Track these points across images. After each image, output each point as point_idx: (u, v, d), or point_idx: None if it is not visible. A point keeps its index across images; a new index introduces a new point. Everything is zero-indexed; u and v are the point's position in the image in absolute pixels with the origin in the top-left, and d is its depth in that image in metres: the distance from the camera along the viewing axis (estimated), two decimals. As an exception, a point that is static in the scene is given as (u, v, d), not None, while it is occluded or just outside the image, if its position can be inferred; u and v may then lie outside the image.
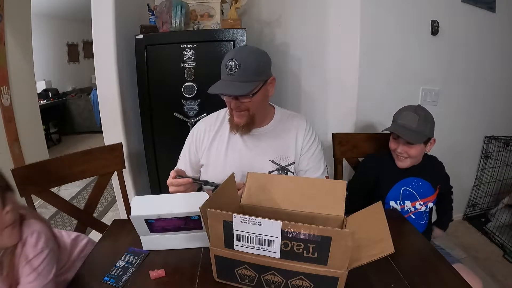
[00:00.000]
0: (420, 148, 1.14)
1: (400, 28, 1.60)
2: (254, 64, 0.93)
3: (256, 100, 0.97)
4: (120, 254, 0.85)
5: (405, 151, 1.14)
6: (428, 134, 1.13)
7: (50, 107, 4.40)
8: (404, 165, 1.17)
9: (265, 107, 1.07)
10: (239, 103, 0.97)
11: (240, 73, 0.92)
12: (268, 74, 1.00)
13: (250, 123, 1.02)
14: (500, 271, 1.64)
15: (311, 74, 1.88)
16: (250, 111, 1.00)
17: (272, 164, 1.07)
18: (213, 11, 1.83)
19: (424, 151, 1.16)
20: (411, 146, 1.12)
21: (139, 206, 0.80)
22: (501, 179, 2.05)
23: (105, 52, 1.66)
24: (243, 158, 1.07)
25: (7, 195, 0.70)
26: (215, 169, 1.09)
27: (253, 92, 0.94)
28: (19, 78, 2.29)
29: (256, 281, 0.70)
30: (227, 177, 0.81)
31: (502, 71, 1.93)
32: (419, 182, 1.19)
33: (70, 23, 5.44)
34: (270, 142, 1.08)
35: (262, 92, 0.98)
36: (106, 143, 1.73)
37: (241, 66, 0.91)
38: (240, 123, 1.02)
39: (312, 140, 1.10)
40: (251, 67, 0.92)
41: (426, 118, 1.12)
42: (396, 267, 0.78)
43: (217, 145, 1.10)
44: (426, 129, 1.12)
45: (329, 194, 0.83)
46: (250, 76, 0.93)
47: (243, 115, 1.00)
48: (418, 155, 1.15)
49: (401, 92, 1.69)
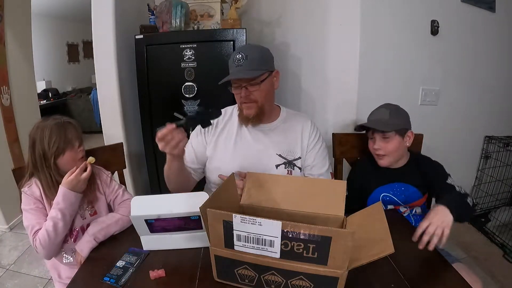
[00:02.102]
0: (397, 142, 1.11)
1: (400, 28, 1.60)
2: (259, 55, 1.04)
3: (264, 89, 1.04)
4: (120, 254, 0.85)
5: (382, 147, 1.12)
6: (402, 125, 1.11)
7: (50, 107, 4.40)
8: (385, 163, 1.14)
9: (272, 100, 1.13)
10: (249, 92, 1.03)
11: (248, 63, 1.00)
12: (273, 67, 1.09)
13: (260, 114, 1.07)
14: (500, 271, 1.64)
15: (311, 74, 1.88)
16: (258, 102, 1.05)
17: (280, 158, 1.10)
18: (213, 11, 1.83)
19: (403, 146, 1.13)
20: (387, 141, 1.11)
21: (139, 206, 0.81)
22: (501, 179, 2.05)
23: (105, 52, 1.67)
24: (251, 150, 1.10)
25: (83, 143, 1.03)
26: (222, 161, 1.11)
27: (261, 79, 1.02)
28: (19, 78, 2.28)
29: (256, 281, 0.70)
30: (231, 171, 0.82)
31: (502, 71, 1.93)
32: (402, 187, 1.14)
33: (70, 23, 5.44)
34: (277, 137, 1.13)
35: (269, 82, 1.06)
36: (106, 143, 1.74)
37: (248, 57, 1.01)
38: (250, 114, 1.06)
39: (317, 138, 1.16)
40: (257, 57, 1.02)
41: (397, 111, 1.12)
42: (396, 267, 0.78)
43: (224, 138, 1.13)
44: (398, 121, 1.11)
45: (329, 194, 0.83)
46: (257, 65, 1.01)
47: (252, 107, 1.06)
48: (396, 150, 1.12)
49: (401, 92, 1.69)
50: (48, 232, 0.89)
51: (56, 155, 0.96)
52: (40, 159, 0.96)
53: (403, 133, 1.12)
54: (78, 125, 1.04)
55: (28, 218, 0.94)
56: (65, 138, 0.97)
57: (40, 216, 0.94)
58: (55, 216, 0.91)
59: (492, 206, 2.16)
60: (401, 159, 1.16)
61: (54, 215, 0.91)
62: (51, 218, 0.91)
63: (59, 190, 0.93)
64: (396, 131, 1.10)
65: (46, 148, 0.95)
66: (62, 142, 0.96)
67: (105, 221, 0.97)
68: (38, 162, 0.96)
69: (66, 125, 0.99)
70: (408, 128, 1.14)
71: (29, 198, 0.96)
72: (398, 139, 1.11)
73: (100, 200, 1.07)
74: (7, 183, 1.34)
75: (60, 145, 0.95)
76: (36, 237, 0.91)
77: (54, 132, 0.95)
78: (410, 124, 1.15)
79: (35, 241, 0.91)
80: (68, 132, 0.98)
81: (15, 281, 1.68)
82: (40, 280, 1.68)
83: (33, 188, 0.97)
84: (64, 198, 0.92)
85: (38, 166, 0.97)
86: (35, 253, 1.90)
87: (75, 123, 1.03)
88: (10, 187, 1.18)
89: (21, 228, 2.21)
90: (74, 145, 0.99)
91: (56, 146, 0.95)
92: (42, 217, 0.94)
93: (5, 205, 2.14)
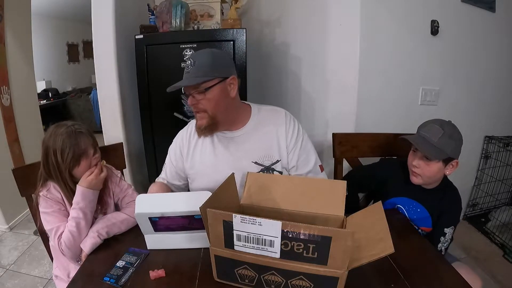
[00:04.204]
0: (437, 167, 1.02)
1: (400, 28, 1.60)
2: (209, 61, 0.95)
3: (211, 97, 0.96)
4: (120, 254, 0.85)
5: (420, 166, 1.03)
6: (450, 153, 0.99)
7: (50, 107, 4.40)
8: (417, 182, 1.06)
9: (229, 109, 1.02)
10: (195, 100, 0.97)
11: (194, 70, 0.94)
12: (227, 73, 0.98)
13: (213, 124, 1.00)
14: (500, 271, 1.64)
15: (311, 74, 1.88)
16: (208, 112, 0.98)
17: (256, 166, 1.05)
18: (213, 11, 1.83)
19: (442, 173, 1.04)
20: (428, 163, 1.02)
21: (143, 204, 0.80)
22: (501, 179, 2.05)
23: (105, 52, 1.67)
24: (227, 162, 1.05)
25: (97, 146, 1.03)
26: (203, 178, 1.08)
27: (205, 87, 0.94)
28: (19, 78, 2.28)
29: (256, 281, 0.70)
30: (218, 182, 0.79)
31: (502, 71, 1.93)
32: (418, 208, 1.09)
33: (70, 23, 5.43)
34: (251, 143, 1.06)
35: (218, 89, 0.96)
36: (106, 143, 1.74)
37: (195, 63, 0.95)
38: (202, 124, 1.01)
39: (296, 133, 1.07)
40: (204, 64, 0.95)
41: (452, 135, 1.00)
42: (396, 267, 0.78)
43: (199, 153, 1.09)
44: (448, 147, 0.99)
45: (329, 194, 0.83)
46: (204, 71, 0.94)
47: (203, 117, 1.00)
48: (433, 175, 1.03)
49: (401, 92, 1.69)
50: (71, 232, 0.90)
51: (71, 167, 0.96)
52: (54, 170, 0.96)
53: (447, 161, 1.02)
54: (90, 132, 1.02)
55: (50, 222, 0.94)
56: (79, 149, 0.95)
57: (63, 219, 0.95)
58: (76, 216, 0.92)
59: (492, 206, 2.16)
60: (434, 183, 1.09)
61: (76, 215, 0.92)
62: (73, 219, 0.92)
63: (77, 189, 0.95)
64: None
65: (60, 161, 0.94)
66: (77, 154, 0.95)
67: (110, 219, 0.97)
68: (53, 172, 0.96)
69: (78, 135, 0.96)
70: (454, 158, 1.02)
71: (50, 201, 0.96)
72: (440, 165, 1.02)
73: (110, 206, 1.07)
74: (7, 183, 1.34)
75: (74, 156, 0.95)
76: (61, 240, 0.91)
77: (66, 143, 0.94)
78: (459, 152, 1.03)
79: (60, 244, 0.92)
80: (82, 142, 0.96)
81: (15, 281, 1.68)
82: (40, 280, 1.68)
83: (53, 191, 0.98)
84: (83, 197, 0.94)
85: (53, 175, 0.97)
86: (35, 253, 1.90)
87: (86, 131, 1.00)
88: (10, 187, 1.18)
89: (21, 228, 2.21)
90: (88, 154, 0.98)
91: (70, 158, 0.94)
92: (64, 219, 0.95)
93: (5, 205, 2.14)
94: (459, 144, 1.02)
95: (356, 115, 1.64)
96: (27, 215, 2.31)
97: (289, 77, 2.02)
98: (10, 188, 1.27)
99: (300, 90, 1.97)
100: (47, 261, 1.78)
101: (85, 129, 1.00)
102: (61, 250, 0.93)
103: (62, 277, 1.03)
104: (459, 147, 1.02)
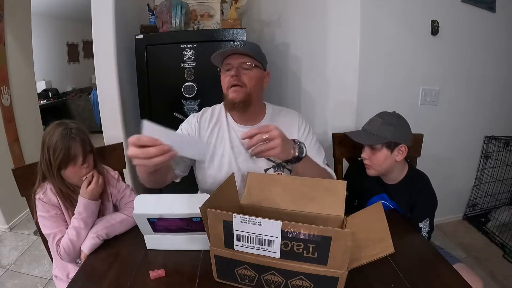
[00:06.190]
0: (383, 154, 1.05)
1: (400, 28, 1.60)
2: (258, 48, 1.05)
3: (253, 75, 1.00)
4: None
5: (368, 156, 1.08)
6: (391, 137, 1.03)
7: (50, 107, 4.39)
8: (371, 174, 1.10)
9: (260, 96, 1.08)
10: (239, 72, 0.99)
11: (248, 46, 1.01)
12: (265, 66, 1.07)
13: (247, 101, 1.00)
14: (500, 271, 1.64)
15: (311, 74, 1.88)
16: (247, 87, 0.99)
17: (267, 161, 1.06)
18: (213, 11, 1.83)
19: (391, 159, 1.06)
20: (373, 152, 1.06)
21: (142, 205, 0.80)
22: (501, 179, 2.05)
23: (105, 52, 1.67)
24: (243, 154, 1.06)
25: (89, 156, 1.00)
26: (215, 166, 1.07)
27: (254, 63, 1.00)
28: (19, 78, 2.28)
29: (256, 281, 0.70)
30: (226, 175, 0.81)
31: (502, 71, 1.93)
32: (391, 205, 1.11)
33: (70, 23, 5.44)
34: None
35: (260, 74, 1.03)
36: (106, 143, 1.74)
37: (246, 44, 1.02)
38: (236, 98, 0.99)
39: (306, 132, 1.11)
40: (256, 47, 1.04)
41: (390, 122, 1.05)
42: (396, 267, 0.78)
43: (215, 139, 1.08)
44: (387, 133, 1.04)
45: (329, 194, 0.83)
46: (256, 53, 1.01)
47: (240, 91, 0.99)
48: (381, 163, 1.06)
49: (401, 92, 1.69)
50: (72, 241, 0.91)
51: (59, 167, 0.96)
52: (46, 166, 0.97)
53: (393, 146, 1.05)
54: (85, 141, 0.99)
55: (48, 226, 0.95)
56: (68, 154, 0.95)
57: (60, 224, 0.95)
58: (78, 226, 0.92)
59: (492, 206, 2.16)
60: (393, 173, 1.11)
61: (77, 225, 0.92)
62: (74, 228, 0.92)
63: (79, 200, 0.95)
64: (384, 144, 1.05)
65: (51, 159, 0.95)
66: (65, 158, 0.95)
67: (110, 220, 0.97)
68: (45, 167, 0.97)
69: (71, 140, 0.95)
70: (400, 142, 1.05)
71: (46, 205, 0.96)
72: (385, 152, 1.05)
73: (109, 209, 1.08)
74: (7, 183, 1.34)
75: (63, 159, 0.95)
76: (60, 246, 0.92)
77: (58, 144, 0.94)
78: (408, 138, 1.07)
79: (58, 249, 0.92)
80: (72, 148, 0.95)
81: (15, 281, 1.68)
82: (40, 280, 1.68)
83: (49, 194, 0.98)
84: (85, 208, 0.94)
85: (46, 171, 0.98)
86: (35, 253, 1.90)
87: (80, 140, 0.97)
88: (10, 187, 1.18)
89: (21, 228, 2.21)
90: (77, 162, 0.97)
91: (59, 159, 0.94)
92: (62, 223, 0.96)
93: (5, 205, 2.14)
94: (400, 130, 1.05)
95: (356, 115, 1.64)
96: (27, 215, 2.31)
97: (289, 77, 2.02)
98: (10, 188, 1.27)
99: (300, 90, 1.97)
100: (47, 261, 1.78)
101: (80, 136, 0.98)
102: (59, 255, 0.93)
103: (61, 277, 1.03)
104: (401, 132, 1.05)
